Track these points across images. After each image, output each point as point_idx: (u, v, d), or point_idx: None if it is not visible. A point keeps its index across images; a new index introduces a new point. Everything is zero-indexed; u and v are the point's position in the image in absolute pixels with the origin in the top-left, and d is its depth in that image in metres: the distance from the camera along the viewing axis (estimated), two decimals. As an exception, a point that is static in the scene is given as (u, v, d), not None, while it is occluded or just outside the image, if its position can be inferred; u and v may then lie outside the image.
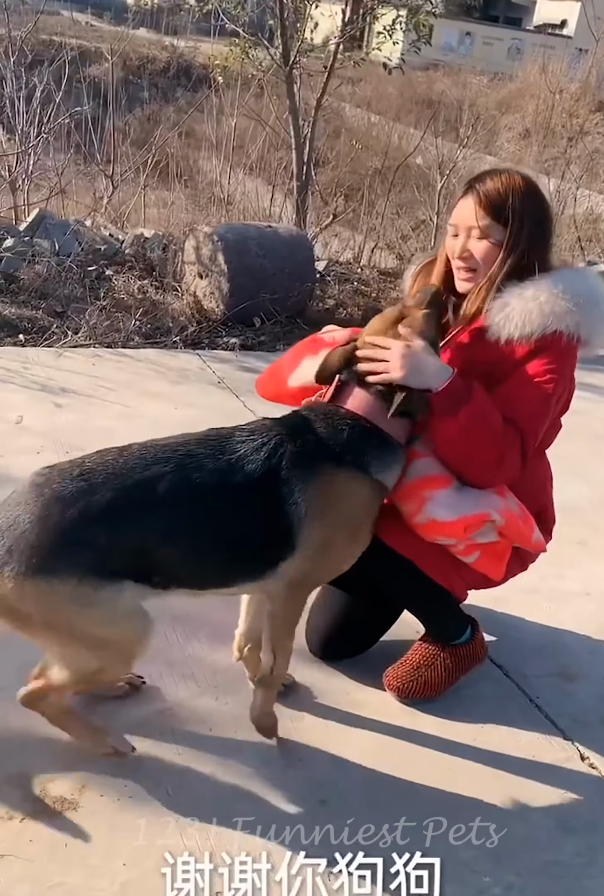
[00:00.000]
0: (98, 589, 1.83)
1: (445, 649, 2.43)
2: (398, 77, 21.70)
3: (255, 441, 1.98)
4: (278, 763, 2.17)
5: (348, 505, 2.04)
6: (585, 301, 2.17)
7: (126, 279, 5.84)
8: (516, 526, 2.22)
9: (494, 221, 2.19)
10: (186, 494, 1.91)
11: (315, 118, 7.47)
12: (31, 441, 3.54)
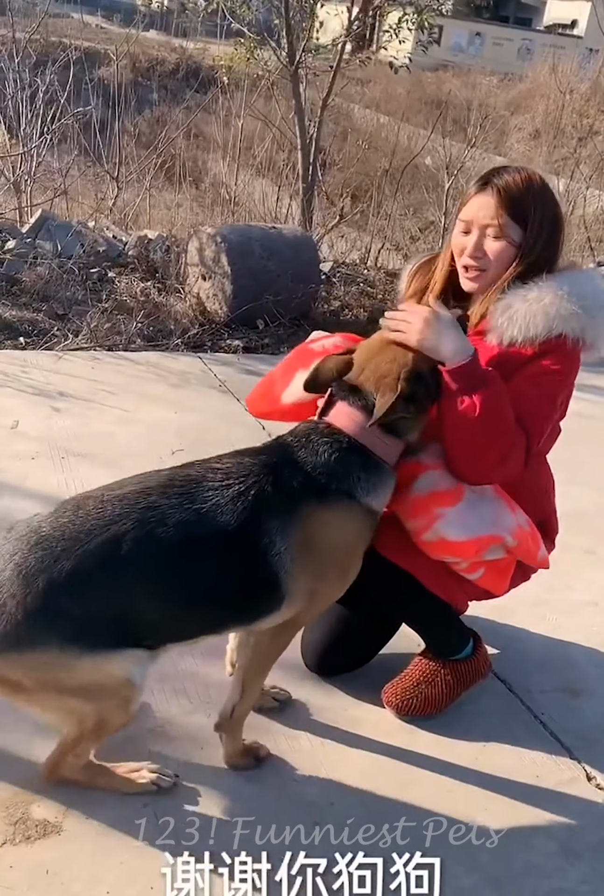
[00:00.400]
0: (81, 657, 1.77)
1: (446, 665, 2.34)
2: (407, 78, 21.65)
3: (230, 489, 1.86)
4: (271, 784, 2.09)
5: (336, 541, 1.95)
6: (591, 304, 2.09)
7: (129, 281, 5.77)
8: (526, 544, 2.14)
9: (512, 221, 2.12)
10: (151, 553, 1.79)
11: (321, 118, 7.40)
12: (27, 446, 3.47)
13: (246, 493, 1.86)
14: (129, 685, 1.84)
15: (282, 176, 8.49)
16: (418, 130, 14.92)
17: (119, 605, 1.79)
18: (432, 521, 2.05)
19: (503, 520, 2.08)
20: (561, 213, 2.22)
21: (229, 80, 8.15)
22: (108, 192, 8.44)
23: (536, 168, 8.48)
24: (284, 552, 1.86)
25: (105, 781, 1.99)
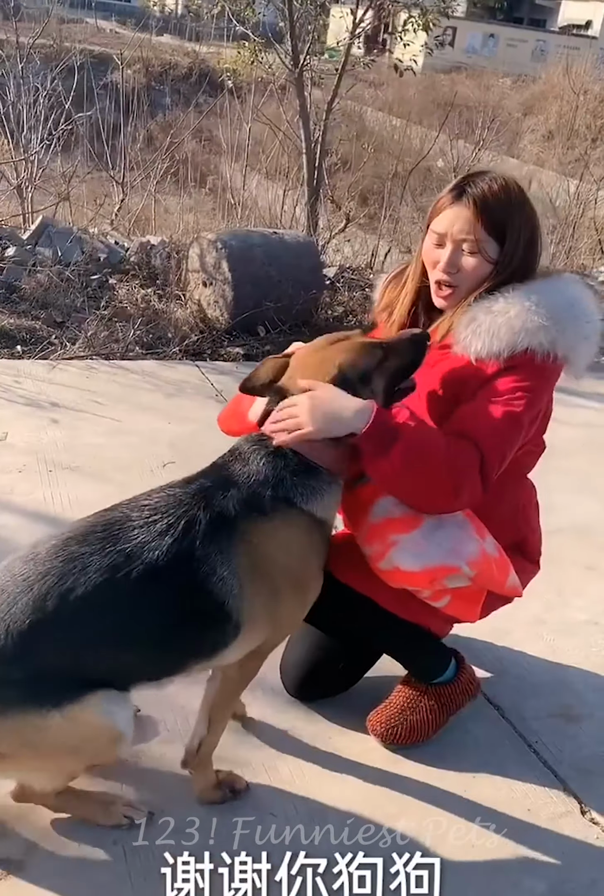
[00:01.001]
0: (47, 715, 1.70)
1: (428, 690, 2.25)
2: (421, 80, 21.59)
3: (157, 524, 1.78)
4: (249, 814, 1.99)
5: (283, 552, 1.86)
6: (562, 316, 1.98)
7: (129, 288, 5.71)
8: (489, 573, 2.01)
9: (490, 237, 2.00)
10: (76, 604, 1.70)
11: (326, 122, 7.32)
12: (15, 459, 3.41)
13: (175, 525, 1.78)
14: (109, 727, 1.76)
15: (288, 180, 8.41)
16: (430, 133, 14.83)
17: (61, 660, 1.72)
18: (387, 548, 1.95)
19: (463, 547, 1.95)
20: (538, 222, 2.10)
21: (234, 84, 8.06)
22: (113, 197, 8.38)
23: (549, 170, 8.41)
24: (227, 576, 1.78)
25: (82, 811, 1.91)
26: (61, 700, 1.70)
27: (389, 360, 1.91)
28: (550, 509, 3.57)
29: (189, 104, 17.55)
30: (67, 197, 7.11)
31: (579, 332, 1.99)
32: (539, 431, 2.13)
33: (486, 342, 1.96)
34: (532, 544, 2.29)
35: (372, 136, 15.94)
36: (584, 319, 2.01)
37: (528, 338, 1.95)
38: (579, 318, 2.00)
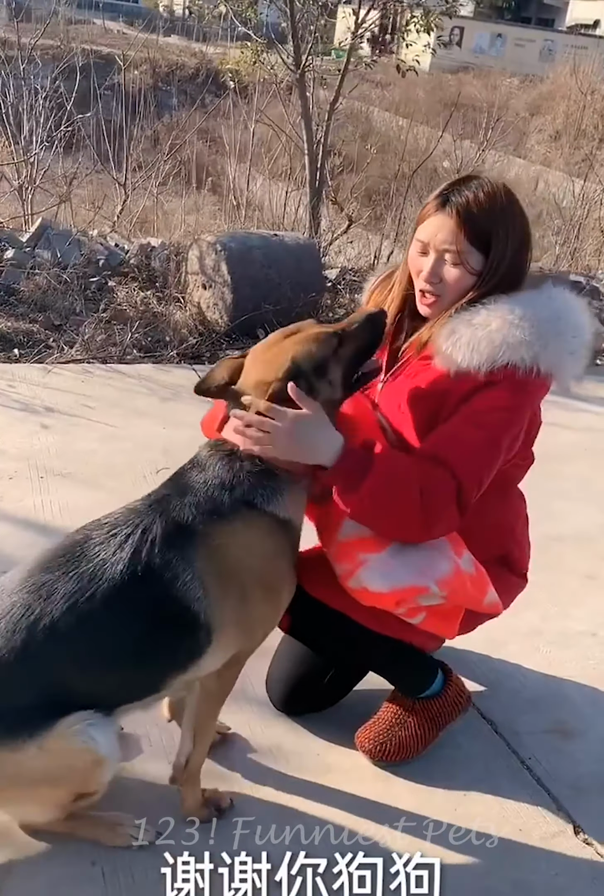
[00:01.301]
0: (24, 746, 1.67)
1: (415, 705, 2.19)
2: (428, 80, 21.50)
3: (116, 538, 1.76)
4: (230, 836, 1.94)
5: (247, 556, 1.81)
6: (546, 330, 1.90)
7: (129, 290, 5.67)
8: (463, 591, 1.95)
9: (473, 247, 1.94)
10: (47, 632, 1.68)
11: (329, 122, 7.26)
12: (6, 465, 3.36)
13: (132, 536, 1.75)
14: (89, 752, 1.72)
15: (291, 181, 8.37)
16: (437, 133, 14.78)
17: (35, 691, 1.69)
18: (356, 567, 1.89)
19: (434, 566, 1.89)
20: (529, 230, 2.02)
21: (237, 85, 8.01)
22: (116, 198, 8.35)
23: (556, 170, 8.37)
24: (190, 581, 1.74)
25: (87, 832, 1.88)
26: (35, 730, 1.67)
27: (344, 345, 1.84)
28: (549, 516, 3.55)
29: (198, 104, 17.58)
30: (68, 198, 7.07)
31: (563, 348, 1.92)
32: (526, 445, 2.07)
33: (466, 355, 1.89)
34: (518, 558, 2.23)
35: (378, 136, 15.91)
36: (569, 334, 1.93)
37: (509, 352, 1.88)
38: (565, 333, 1.93)
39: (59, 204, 7.01)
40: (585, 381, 4.68)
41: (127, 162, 8.24)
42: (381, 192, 11.20)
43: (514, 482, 2.17)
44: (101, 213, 7.88)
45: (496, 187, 1.95)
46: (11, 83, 6.91)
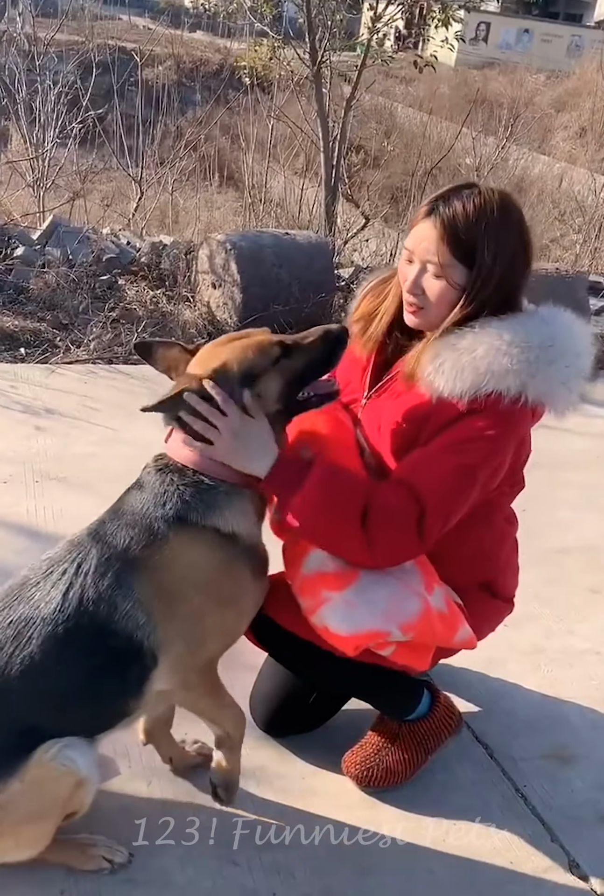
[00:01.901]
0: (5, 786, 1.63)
1: (401, 728, 2.11)
2: (452, 76, 21.31)
3: (52, 575, 1.70)
4: (206, 866, 1.88)
5: (190, 574, 1.74)
6: (535, 358, 1.79)
7: (138, 289, 5.62)
8: (430, 631, 1.85)
9: (456, 260, 1.83)
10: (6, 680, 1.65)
11: (345, 119, 7.17)
12: (1, 468, 3.31)
13: (67, 572, 1.70)
14: (70, 774, 1.67)
15: (308, 178, 8.29)
16: (461, 129, 14.64)
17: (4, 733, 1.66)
18: (319, 604, 1.81)
19: (401, 607, 1.80)
20: (526, 237, 1.90)
21: (254, 81, 7.94)
22: (132, 195, 8.31)
23: (580, 167, 8.18)
24: (131, 609, 1.68)
25: (58, 856, 1.81)
26: (14, 767, 1.63)
27: (291, 358, 1.75)
28: (555, 526, 3.46)
29: (219, 101, 17.59)
30: (82, 195, 7.03)
31: (554, 377, 1.81)
32: (513, 472, 1.96)
33: (449, 381, 1.79)
34: (502, 585, 2.13)
35: (401, 132, 15.79)
36: (563, 363, 1.82)
37: (494, 381, 1.77)
38: (557, 362, 1.81)
39: (72, 200, 6.98)
40: (599, 384, 4.61)
41: (143, 158, 8.20)
42: (402, 189, 11.10)
43: (500, 508, 2.07)
44: (116, 210, 7.85)
45: (489, 199, 1.83)
46: (24, 78, 6.85)
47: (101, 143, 8.54)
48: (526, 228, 1.90)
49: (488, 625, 2.15)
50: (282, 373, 1.75)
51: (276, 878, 1.87)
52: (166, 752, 2.10)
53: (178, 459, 1.77)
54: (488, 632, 2.16)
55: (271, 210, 8.64)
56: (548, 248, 8.65)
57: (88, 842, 1.86)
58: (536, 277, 6.14)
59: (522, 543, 2.24)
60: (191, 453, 1.76)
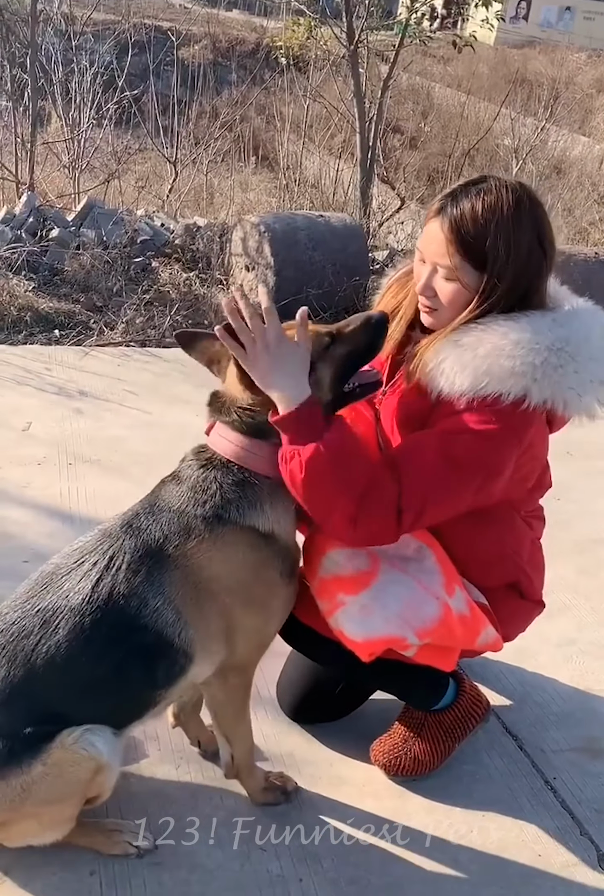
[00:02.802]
0: (30, 768, 1.65)
1: (428, 718, 2.10)
2: (492, 55, 20.97)
3: (83, 566, 1.71)
4: (233, 851, 1.89)
5: (225, 574, 1.73)
6: (544, 360, 1.72)
7: (172, 272, 5.63)
8: (450, 636, 1.83)
9: (467, 263, 1.77)
10: (29, 670, 1.66)
11: (382, 99, 7.09)
12: (35, 451, 3.34)
13: (98, 564, 1.70)
14: (92, 759, 1.68)
15: (343, 159, 8.23)
16: (501, 110, 14.44)
17: (28, 721, 1.67)
18: (335, 607, 1.79)
19: (417, 611, 1.77)
20: (545, 237, 1.80)
21: (290, 61, 7.88)
22: (167, 176, 8.31)
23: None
24: (162, 607, 1.68)
25: (84, 840, 1.83)
26: (38, 750, 1.65)
27: (336, 346, 1.74)
28: (590, 516, 3.41)
29: (255, 81, 17.51)
30: (117, 176, 7.04)
31: (560, 383, 1.74)
32: (523, 477, 1.90)
33: (449, 379, 1.75)
34: (528, 586, 2.08)
35: (439, 113, 15.61)
36: (571, 368, 1.74)
37: (493, 383, 1.72)
38: (565, 367, 1.74)
39: (107, 182, 6.99)
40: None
41: (178, 139, 8.18)
42: (439, 171, 10.98)
43: (523, 509, 2.03)
44: (150, 191, 7.85)
45: (499, 196, 1.76)
46: (61, 58, 6.86)
47: (136, 123, 8.55)
48: (544, 222, 1.81)
49: (517, 626, 2.12)
50: (332, 361, 1.74)
51: (303, 865, 1.87)
52: (195, 735, 2.11)
53: (221, 453, 1.75)
54: (517, 633, 2.14)
55: (306, 191, 8.59)
56: (587, 231, 8.51)
57: (114, 827, 1.87)
58: (574, 262, 6.07)
59: (555, 533, 2.21)
60: (235, 447, 1.73)
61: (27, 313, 4.78)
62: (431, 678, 2.05)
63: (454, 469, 1.73)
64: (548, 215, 1.86)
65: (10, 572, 2.47)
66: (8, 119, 6.87)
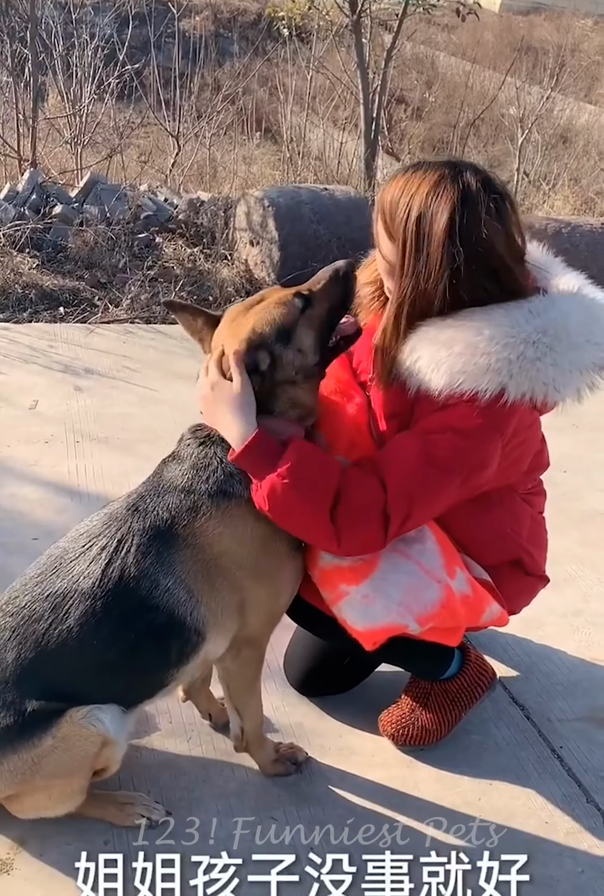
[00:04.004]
0: (40, 742, 1.68)
1: (434, 687, 2.12)
2: (496, 22, 20.72)
3: (93, 548, 1.72)
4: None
5: (235, 548, 1.75)
6: (520, 355, 1.69)
7: (176, 247, 5.61)
8: (452, 617, 1.85)
9: (389, 240, 1.76)
10: (34, 655, 1.69)
11: (386, 70, 7.04)
12: (42, 429, 3.36)
13: (108, 547, 1.72)
14: (98, 734, 1.71)
15: (347, 131, 8.17)
16: (506, 79, 14.31)
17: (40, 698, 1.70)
18: (337, 598, 1.81)
19: (418, 597, 1.79)
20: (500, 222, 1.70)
21: (292, 32, 7.82)
22: (169, 150, 8.26)
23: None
24: (173, 587, 1.70)
25: (97, 812, 1.86)
26: (48, 724, 1.68)
27: (313, 306, 1.73)
28: (596, 488, 3.42)
29: (257, 52, 17.34)
30: (119, 151, 7.01)
31: (536, 377, 1.71)
32: (513, 463, 1.89)
33: (424, 377, 1.73)
34: (530, 563, 2.08)
35: (444, 82, 15.46)
36: (549, 360, 1.71)
37: (469, 381, 1.70)
38: (542, 359, 1.70)
39: (109, 157, 6.96)
40: None
41: (180, 112, 8.13)
42: (444, 141, 10.90)
43: (515, 490, 2.02)
44: (153, 166, 7.81)
45: (425, 176, 1.72)
46: (61, 31, 6.80)
47: (138, 97, 8.49)
48: (499, 209, 1.71)
49: (522, 600, 2.14)
50: (311, 323, 1.74)
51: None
52: (205, 708, 2.14)
53: None
54: (522, 606, 2.16)
55: (310, 164, 8.54)
56: (594, 200, 8.44)
57: (126, 800, 1.90)
58: (580, 233, 6.04)
59: (561, 505, 2.23)
60: None
61: (31, 291, 4.79)
62: (435, 650, 2.05)
63: (438, 471, 1.73)
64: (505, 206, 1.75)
65: (20, 549, 2.49)
66: (9, 95, 6.83)
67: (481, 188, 1.70)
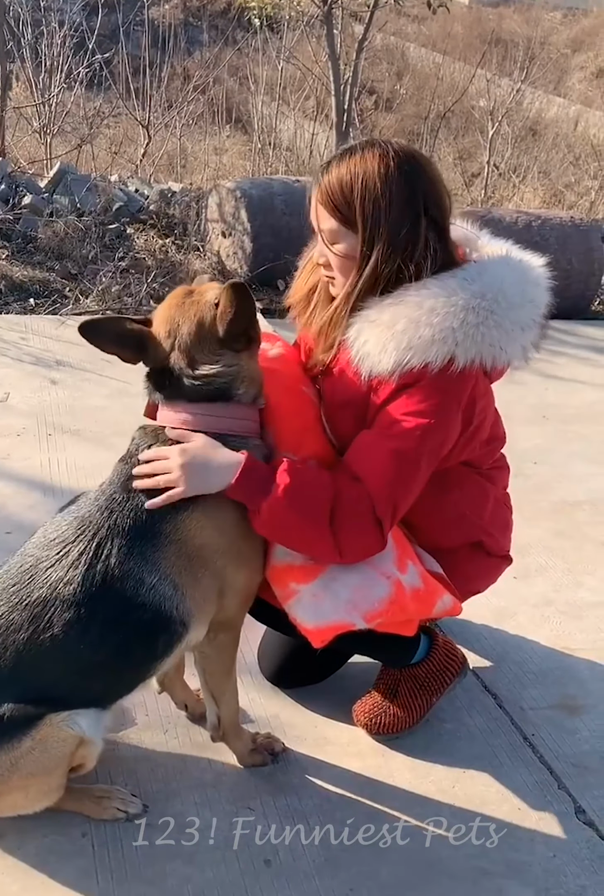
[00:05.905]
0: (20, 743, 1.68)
1: (403, 674, 2.14)
2: (466, 14, 20.78)
3: (70, 555, 1.70)
4: (224, 810, 1.93)
5: (215, 539, 1.76)
6: (463, 321, 1.73)
7: (147, 238, 5.60)
8: (402, 612, 1.87)
9: (340, 225, 1.79)
10: (15, 663, 1.68)
11: (357, 61, 7.04)
12: (14, 421, 3.34)
13: (87, 551, 1.70)
14: (74, 737, 1.72)
15: (318, 122, 8.17)
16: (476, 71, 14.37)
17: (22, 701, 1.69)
18: (288, 595, 1.83)
19: (367, 594, 1.81)
20: (429, 195, 1.78)
21: (263, 22, 7.79)
22: (140, 140, 8.22)
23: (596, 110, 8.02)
24: (158, 583, 1.71)
25: (74, 805, 1.87)
26: (28, 727, 1.68)
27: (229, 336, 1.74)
28: (566, 479, 3.47)
29: (227, 41, 17.24)
30: (89, 141, 6.96)
31: (482, 341, 1.75)
32: (474, 432, 1.92)
33: (374, 360, 1.77)
34: (493, 544, 2.13)
35: (414, 74, 15.49)
36: (492, 322, 1.76)
37: (418, 355, 1.73)
38: (485, 322, 1.75)
39: (79, 147, 6.90)
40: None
41: (150, 101, 8.08)
42: (415, 133, 10.93)
43: (476, 468, 2.06)
44: (123, 156, 7.76)
45: (365, 157, 1.77)
46: (29, 19, 6.72)
47: (107, 86, 8.43)
48: (425, 179, 1.80)
49: (485, 581, 2.18)
50: (239, 344, 1.77)
51: (290, 823, 1.92)
52: (181, 698, 2.15)
53: (176, 426, 1.76)
54: (486, 586, 2.21)
55: (281, 154, 8.54)
56: (562, 193, 8.53)
57: (103, 793, 1.90)
58: (550, 226, 6.13)
59: (531, 496, 2.25)
60: (188, 416, 1.75)
61: (1, 282, 4.75)
62: (400, 637, 2.04)
63: (410, 464, 1.77)
64: (434, 172, 1.85)
65: (-7, 544, 2.48)
66: (-23, 83, 6.74)
67: (417, 156, 1.80)
